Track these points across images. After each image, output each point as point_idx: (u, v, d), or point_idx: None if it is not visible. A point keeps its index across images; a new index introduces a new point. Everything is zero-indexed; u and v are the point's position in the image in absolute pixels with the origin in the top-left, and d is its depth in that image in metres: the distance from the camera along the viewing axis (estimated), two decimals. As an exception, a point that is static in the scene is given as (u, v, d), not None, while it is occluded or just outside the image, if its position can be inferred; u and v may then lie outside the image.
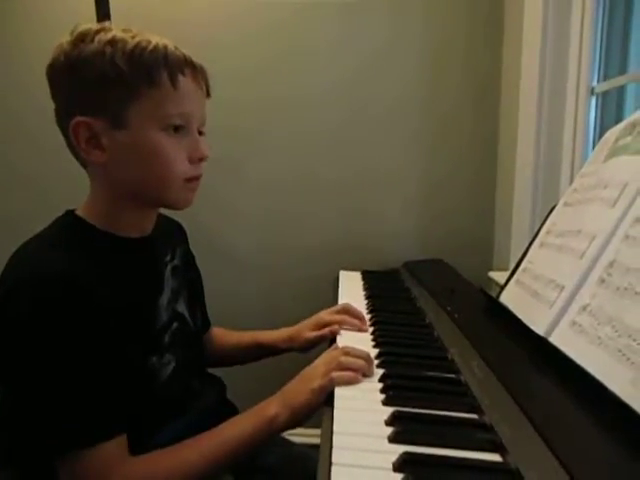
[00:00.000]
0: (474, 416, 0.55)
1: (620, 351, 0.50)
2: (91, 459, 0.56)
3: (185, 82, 0.65)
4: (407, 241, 1.57)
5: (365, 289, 1.18)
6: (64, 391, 0.56)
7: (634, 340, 0.49)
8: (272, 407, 0.63)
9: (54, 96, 0.65)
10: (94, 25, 0.64)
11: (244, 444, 0.62)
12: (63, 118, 0.64)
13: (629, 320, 0.51)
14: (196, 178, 0.69)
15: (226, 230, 1.59)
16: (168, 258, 0.79)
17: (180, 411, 0.70)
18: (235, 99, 1.50)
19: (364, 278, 1.31)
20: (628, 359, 0.48)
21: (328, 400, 0.59)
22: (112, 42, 0.62)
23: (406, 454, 0.45)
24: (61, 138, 0.66)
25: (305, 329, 0.89)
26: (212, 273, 1.00)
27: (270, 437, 0.63)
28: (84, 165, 0.68)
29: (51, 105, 0.66)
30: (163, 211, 0.78)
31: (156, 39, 0.64)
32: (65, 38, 0.63)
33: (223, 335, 0.96)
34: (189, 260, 0.88)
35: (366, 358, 0.66)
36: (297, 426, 0.63)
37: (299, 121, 1.55)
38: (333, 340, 0.81)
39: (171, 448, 0.62)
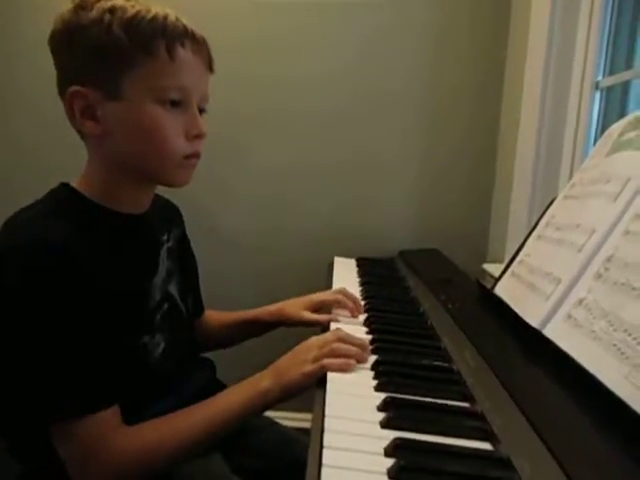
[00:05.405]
0: (466, 404, 0.55)
1: (615, 345, 0.50)
2: (85, 428, 0.56)
3: (184, 54, 0.63)
4: (403, 230, 1.57)
5: (360, 276, 1.18)
6: (57, 360, 0.56)
7: (629, 335, 0.49)
8: (265, 381, 0.63)
9: (55, 64, 0.64)
10: None
11: (236, 416, 0.62)
12: (62, 87, 0.63)
13: (625, 315, 0.51)
14: (194, 156, 0.67)
15: (224, 212, 1.58)
16: (164, 238, 0.78)
17: (169, 391, 0.70)
18: (235, 80, 1.48)
19: (359, 265, 1.31)
20: (623, 353, 0.48)
21: (320, 383, 0.59)
22: (111, 10, 0.60)
23: (398, 440, 0.46)
24: (62, 108, 0.65)
25: (297, 305, 0.88)
26: (209, 255, 0.99)
27: (262, 410, 0.64)
28: (82, 137, 0.66)
29: (53, 73, 0.64)
30: (162, 192, 0.77)
31: (157, 8, 0.62)
32: (67, 5, 0.62)
33: (214, 317, 0.95)
34: (185, 244, 0.87)
35: (361, 345, 0.66)
36: (288, 400, 0.63)
37: (300, 105, 1.54)
38: (326, 328, 0.81)
39: (164, 418, 0.62)
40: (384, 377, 0.60)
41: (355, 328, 0.77)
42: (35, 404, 0.57)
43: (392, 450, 0.45)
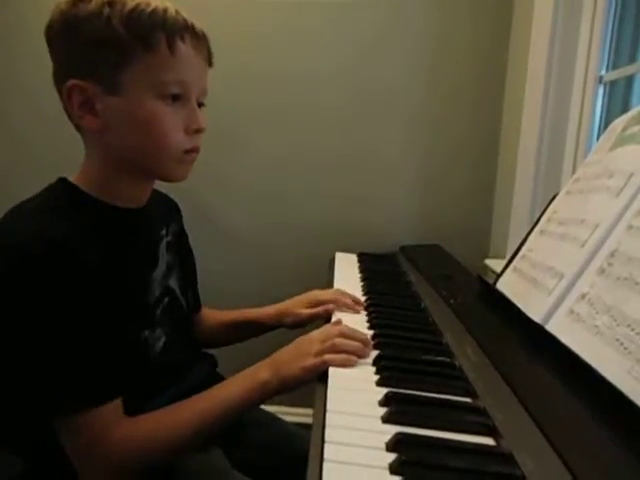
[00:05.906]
0: (468, 400, 0.55)
1: (618, 340, 0.49)
2: (88, 421, 0.56)
3: (184, 48, 0.63)
4: (404, 225, 1.57)
5: (361, 271, 1.17)
6: (58, 355, 0.56)
7: (632, 330, 0.49)
8: (264, 373, 0.63)
9: (52, 57, 0.64)
10: None
11: (235, 407, 0.62)
12: (59, 80, 0.63)
13: (628, 310, 0.51)
14: (193, 150, 0.67)
15: (224, 207, 1.58)
16: (163, 232, 0.77)
17: (170, 384, 0.70)
18: (237, 73, 1.47)
19: (360, 260, 1.31)
20: (625, 348, 0.48)
21: (322, 378, 0.59)
22: (111, 3, 0.60)
23: (400, 434, 0.45)
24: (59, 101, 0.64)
25: (297, 305, 0.88)
26: (209, 250, 0.99)
27: (260, 402, 0.63)
28: (79, 130, 0.66)
29: (50, 66, 0.64)
30: (161, 187, 0.77)
31: (157, 2, 0.62)
32: None
33: (212, 315, 0.95)
34: (183, 239, 0.86)
35: (363, 340, 0.65)
36: (286, 392, 0.63)
37: (301, 100, 1.53)
38: (328, 320, 0.81)
39: (164, 409, 0.62)
40: (385, 372, 0.59)
41: (356, 323, 0.76)
42: (37, 399, 0.58)
43: (394, 445, 0.44)
